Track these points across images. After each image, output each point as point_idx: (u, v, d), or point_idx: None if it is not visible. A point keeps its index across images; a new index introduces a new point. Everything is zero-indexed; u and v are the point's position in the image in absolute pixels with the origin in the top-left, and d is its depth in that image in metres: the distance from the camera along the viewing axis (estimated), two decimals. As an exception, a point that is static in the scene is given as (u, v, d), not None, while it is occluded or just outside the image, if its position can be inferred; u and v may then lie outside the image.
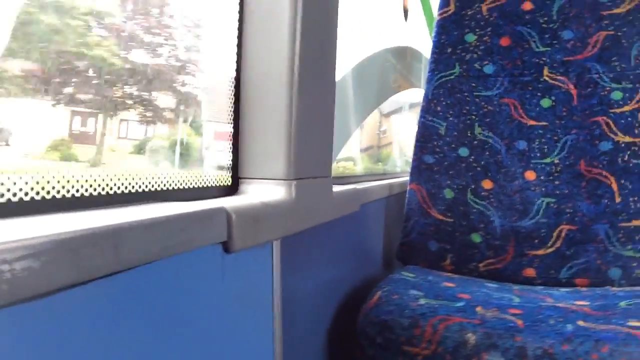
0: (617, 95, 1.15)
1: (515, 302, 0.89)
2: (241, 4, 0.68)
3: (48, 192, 0.40)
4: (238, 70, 0.68)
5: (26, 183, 0.38)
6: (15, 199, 0.37)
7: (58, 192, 0.41)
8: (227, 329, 0.52)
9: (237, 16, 0.68)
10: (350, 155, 1.69)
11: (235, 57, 0.68)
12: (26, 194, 0.38)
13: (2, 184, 0.36)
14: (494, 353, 0.71)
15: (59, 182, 0.41)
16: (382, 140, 2.23)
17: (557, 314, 0.81)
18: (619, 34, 1.17)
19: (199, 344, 0.47)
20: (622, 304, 0.86)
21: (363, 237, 1.13)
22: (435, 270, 1.14)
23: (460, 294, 0.92)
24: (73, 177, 0.42)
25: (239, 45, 0.68)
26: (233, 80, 0.68)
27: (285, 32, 0.65)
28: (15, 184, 0.37)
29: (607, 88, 1.16)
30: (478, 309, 0.82)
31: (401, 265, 1.22)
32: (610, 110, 1.14)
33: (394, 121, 2.34)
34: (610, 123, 1.14)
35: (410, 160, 1.26)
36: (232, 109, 0.68)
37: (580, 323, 0.76)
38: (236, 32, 0.68)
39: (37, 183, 0.39)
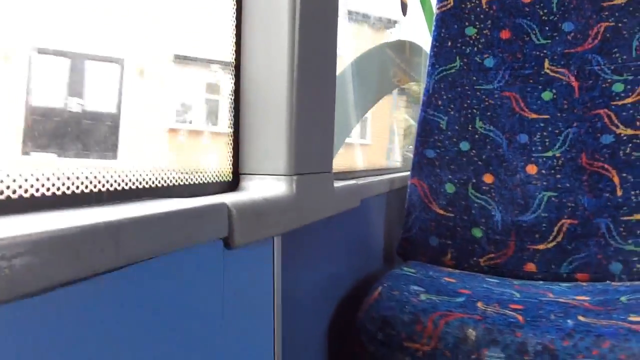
0: (618, 87, 1.14)
1: (516, 297, 0.89)
2: (238, 1, 0.68)
3: (48, 189, 0.40)
4: (237, 65, 0.68)
5: (26, 180, 0.38)
6: (15, 196, 0.37)
7: (58, 189, 0.41)
8: (227, 325, 0.52)
9: (234, 11, 0.68)
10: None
11: (234, 53, 0.68)
12: (26, 191, 0.38)
13: (1, 181, 0.36)
14: (494, 349, 0.71)
15: (58, 179, 0.41)
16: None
17: (557, 309, 0.80)
18: (620, 25, 1.16)
19: (199, 339, 0.47)
20: (623, 298, 0.85)
21: (364, 232, 1.13)
22: (436, 266, 1.15)
23: (461, 289, 0.92)
24: (73, 174, 0.42)
25: (238, 41, 0.68)
26: (233, 76, 0.68)
27: (284, 26, 0.65)
28: (15, 181, 0.37)
29: (609, 80, 1.15)
30: (479, 304, 0.82)
31: (402, 261, 1.22)
32: (611, 103, 1.14)
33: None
34: (612, 115, 1.13)
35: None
36: (233, 105, 0.68)
37: (581, 318, 0.76)
38: (234, 28, 0.68)
39: (37, 180, 0.39)
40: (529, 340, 0.70)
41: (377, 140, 2.06)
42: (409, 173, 1.26)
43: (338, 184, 0.87)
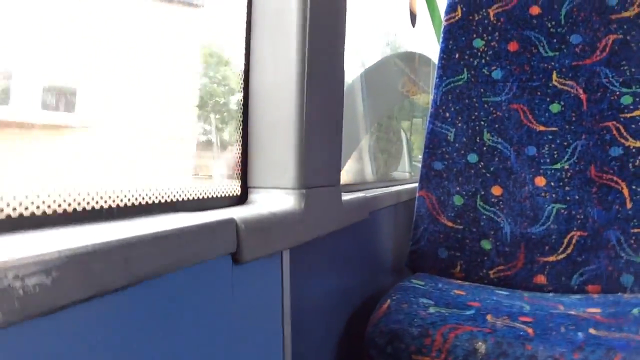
0: (627, 99, 1.14)
1: (525, 309, 0.89)
2: (249, 13, 0.68)
3: (59, 205, 0.40)
4: (246, 79, 0.68)
5: (37, 196, 0.38)
6: (27, 213, 0.37)
7: (69, 205, 0.41)
8: (237, 340, 0.52)
9: (244, 26, 0.68)
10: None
11: (243, 67, 0.68)
12: (37, 207, 0.38)
13: (14, 197, 0.36)
14: None
15: (69, 194, 0.41)
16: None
17: (568, 321, 0.80)
18: (628, 37, 1.16)
19: (209, 355, 0.47)
20: (635, 311, 0.85)
21: (372, 245, 1.13)
22: (445, 278, 1.14)
23: (471, 302, 0.91)
24: (84, 190, 0.43)
25: (247, 55, 0.69)
26: (241, 89, 0.68)
27: (293, 41, 0.66)
28: (27, 197, 0.38)
29: (617, 93, 1.15)
30: (488, 317, 0.82)
31: (410, 273, 1.21)
32: (620, 115, 1.14)
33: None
34: (621, 128, 1.13)
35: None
36: (241, 119, 0.68)
37: (592, 331, 0.75)
38: (244, 42, 0.68)
39: (49, 196, 0.39)
40: (539, 354, 0.70)
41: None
42: (416, 185, 1.26)
43: (346, 196, 0.87)
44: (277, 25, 0.67)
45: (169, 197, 0.54)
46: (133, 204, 0.49)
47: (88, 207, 0.43)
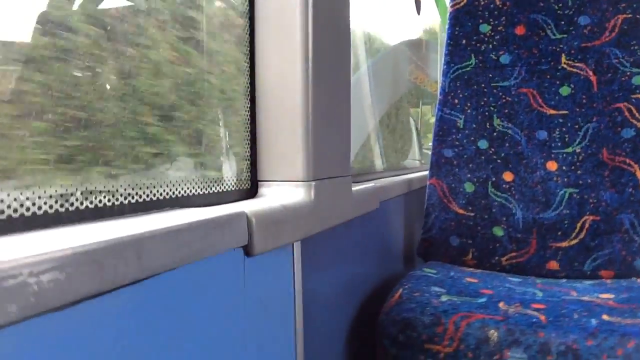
0: (638, 80, 1.12)
1: (538, 296, 0.89)
2: (251, 7, 0.68)
3: (72, 204, 0.41)
4: (252, 73, 0.69)
5: (50, 196, 0.39)
6: (40, 212, 0.38)
7: (82, 203, 0.42)
8: (249, 331, 0.53)
9: (248, 20, 0.68)
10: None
11: (248, 61, 0.69)
12: (51, 206, 0.39)
13: (27, 198, 0.37)
14: (516, 349, 0.70)
15: (82, 193, 0.42)
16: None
17: (581, 308, 0.80)
18: (638, 17, 1.14)
19: (222, 347, 0.48)
20: (649, 295, 0.84)
21: (383, 234, 1.13)
22: (457, 266, 1.14)
23: (483, 290, 0.91)
24: (95, 188, 0.43)
25: (252, 49, 0.69)
26: (248, 84, 0.68)
27: (297, 32, 0.66)
28: (40, 197, 0.38)
29: (628, 73, 1.13)
30: (500, 304, 0.82)
31: (422, 261, 1.21)
32: (631, 96, 1.12)
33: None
34: (633, 109, 1.12)
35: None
36: (249, 113, 0.69)
37: (605, 317, 0.75)
38: (248, 36, 0.68)
39: (61, 196, 0.40)
40: (551, 341, 0.70)
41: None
42: (427, 173, 1.26)
43: (356, 187, 0.87)
44: (281, 17, 0.67)
45: (179, 192, 0.54)
46: (144, 200, 0.49)
47: (100, 205, 0.44)
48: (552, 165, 1.16)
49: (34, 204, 0.38)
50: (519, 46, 1.22)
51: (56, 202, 0.39)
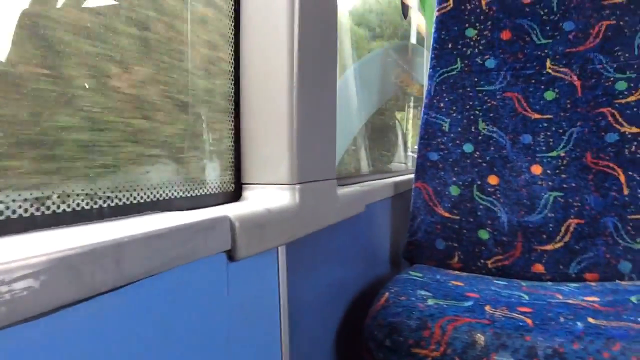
0: (621, 85, 1.13)
1: (524, 299, 0.88)
2: (236, 6, 0.67)
3: (48, 208, 0.39)
4: (237, 74, 0.68)
5: (25, 200, 0.38)
6: (14, 216, 0.37)
7: (58, 206, 0.40)
8: (234, 337, 0.51)
9: (232, 17, 0.67)
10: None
11: (233, 62, 0.68)
12: (25, 210, 0.38)
13: (0, 201, 0.36)
14: (503, 353, 0.70)
15: (58, 197, 0.40)
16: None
17: (567, 311, 0.80)
18: (621, 23, 1.15)
19: (206, 354, 0.47)
20: (633, 298, 0.85)
21: (369, 237, 1.13)
22: (443, 269, 1.14)
23: (469, 293, 0.91)
24: (73, 191, 0.42)
25: (237, 49, 0.68)
26: (232, 85, 0.67)
27: (283, 33, 0.65)
28: (14, 201, 0.37)
29: (611, 78, 1.14)
30: (487, 308, 0.81)
31: (408, 265, 1.21)
32: (615, 101, 1.13)
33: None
34: (616, 114, 1.13)
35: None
36: (233, 114, 0.68)
37: (591, 320, 0.75)
38: (232, 34, 0.67)
39: (37, 199, 0.39)
40: (538, 344, 0.70)
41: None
42: (412, 176, 1.26)
43: (342, 190, 0.86)
44: (266, 18, 0.66)
45: (160, 195, 0.53)
46: (124, 203, 0.48)
47: (78, 208, 0.42)
48: (536, 169, 1.16)
49: (7, 208, 0.36)
50: (505, 51, 1.23)
51: (31, 205, 0.38)
